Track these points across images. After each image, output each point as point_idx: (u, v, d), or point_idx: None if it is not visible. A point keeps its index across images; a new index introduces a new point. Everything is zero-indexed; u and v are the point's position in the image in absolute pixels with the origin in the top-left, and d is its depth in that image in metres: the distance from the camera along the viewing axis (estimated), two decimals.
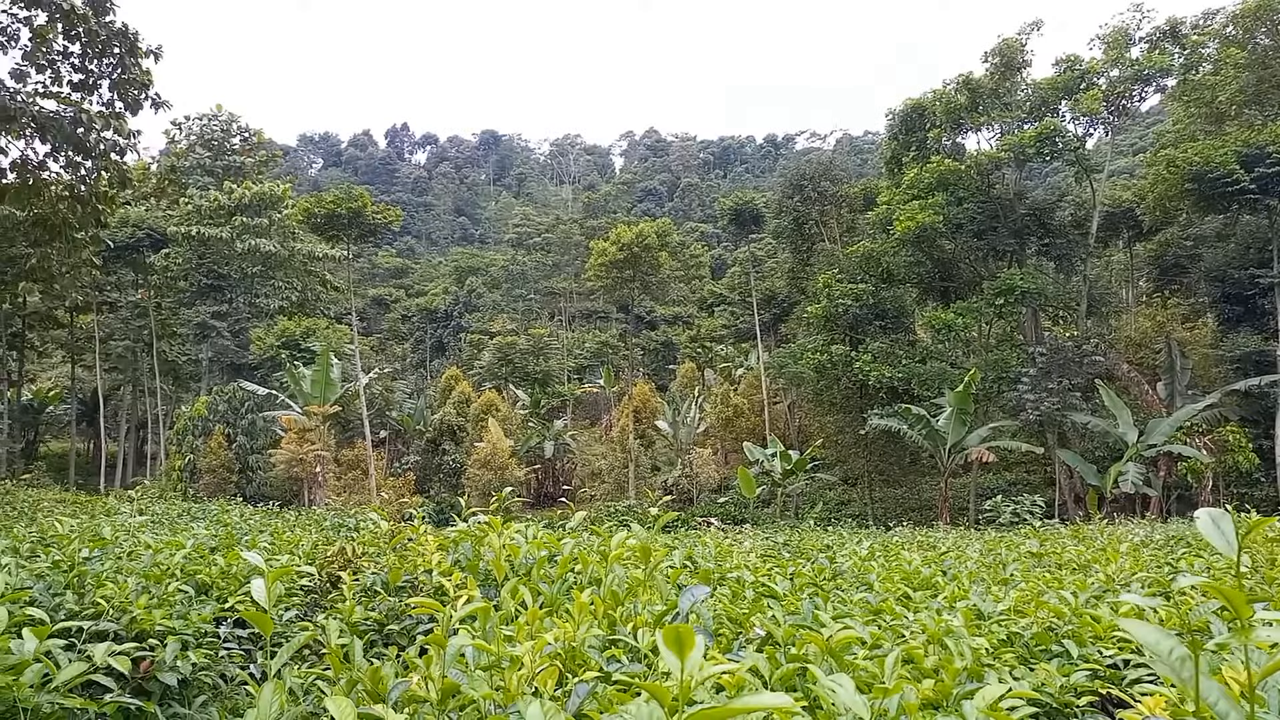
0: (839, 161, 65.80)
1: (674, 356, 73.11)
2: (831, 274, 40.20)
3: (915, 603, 4.81)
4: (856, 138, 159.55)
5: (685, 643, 1.53)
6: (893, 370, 35.44)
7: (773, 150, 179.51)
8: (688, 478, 43.84)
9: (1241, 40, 36.65)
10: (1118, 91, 36.42)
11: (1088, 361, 31.04)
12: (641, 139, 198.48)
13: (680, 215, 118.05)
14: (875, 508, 36.59)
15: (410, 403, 53.05)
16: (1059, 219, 38.01)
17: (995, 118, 38.85)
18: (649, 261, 59.92)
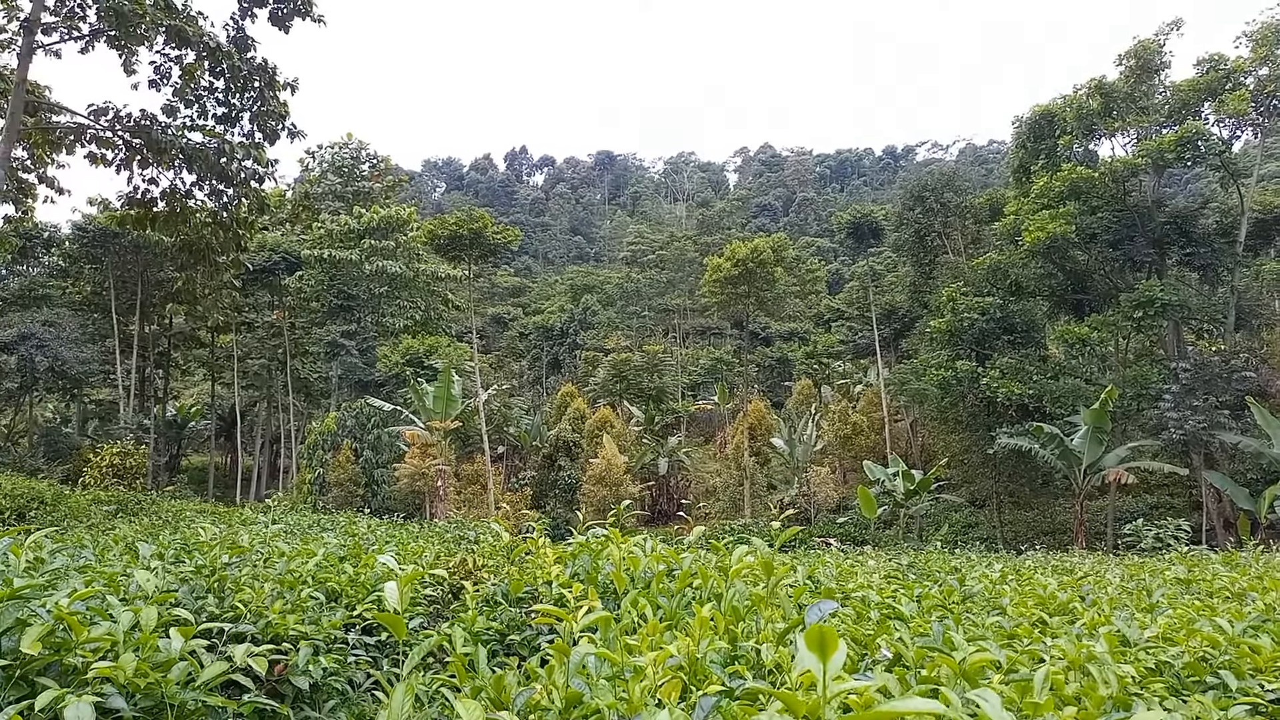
0: (962, 172, 63.94)
1: (789, 373, 72.22)
2: (956, 287, 38.96)
3: (1052, 628, 4.59)
4: (980, 147, 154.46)
5: (828, 645, 1.46)
6: (1022, 387, 33.96)
7: (892, 162, 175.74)
8: (805, 496, 43.12)
9: None
10: (1267, 91, 34.06)
11: (1237, 377, 28.93)
12: (756, 155, 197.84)
13: (796, 230, 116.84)
14: (1005, 531, 35.03)
15: (527, 419, 54.26)
16: (1202, 227, 35.70)
17: (1131, 122, 36.91)
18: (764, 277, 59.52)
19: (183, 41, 14.02)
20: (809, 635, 1.47)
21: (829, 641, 1.45)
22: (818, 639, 1.46)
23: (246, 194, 14.77)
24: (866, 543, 30.39)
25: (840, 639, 1.48)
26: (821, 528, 38.12)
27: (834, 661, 1.46)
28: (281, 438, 58.82)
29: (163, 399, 53.81)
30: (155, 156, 13.99)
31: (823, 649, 1.45)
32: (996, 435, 32.24)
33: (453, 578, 5.72)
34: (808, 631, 1.47)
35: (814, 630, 1.47)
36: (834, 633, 1.46)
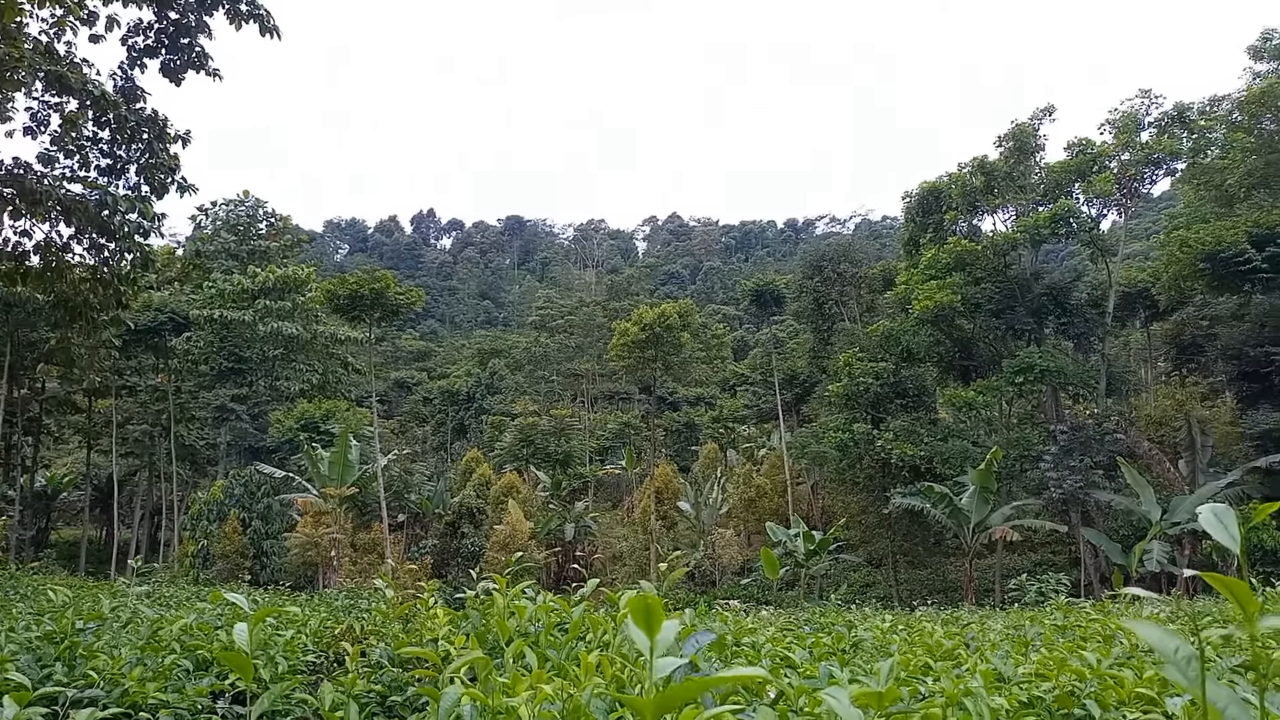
0: (858, 244, 66.75)
1: (696, 437, 72.94)
2: (852, 353, 40.41)
3: (937, 672, 4.83)
4: (875, 222, 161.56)
5: (654, 619, 1.37)
6: (914, 448, 35.23)
7: (793, 234, 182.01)
8: (710, 559, 43.29)
9: (1248, 125, 37.31)
10: (1129, 174, 36.94)
11: (1109, 439, 30.74)
12: (664, 224, 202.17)
13: (702, 298, 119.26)
14: (900, 589, 35.87)
15: (430, 485, 53.14)
16: (1076, 299, 38.16)
17: (1010, 200, 39.42)
18: (671, 342, 60.41)
19: (64, 89, 13.62)
20: (633, 606, 1.37)
21: (654, 615, 1.37)
22: (643, 612, 1.36)
23: (130, 249, 14.26)
24: (769, 603, 30.64)
25: (667, 613, 1.41)
26: (726, 590, 38.29)
27: (662, 636, 1.38)
28: (163, 509, 55.75)
29: (31, 468, 50.47)
30: (29, 208, 13.42)
31: (649, 624, 1.37)
32: (891, 495, 33.23)
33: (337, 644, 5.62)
34: (631, 601, 1.39)
35: (637, 601, 1.37)
36: (659, 605, 1.39)
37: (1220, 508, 1.82)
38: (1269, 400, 31.44)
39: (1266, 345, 30.95)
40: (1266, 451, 29.50)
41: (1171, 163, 37.06)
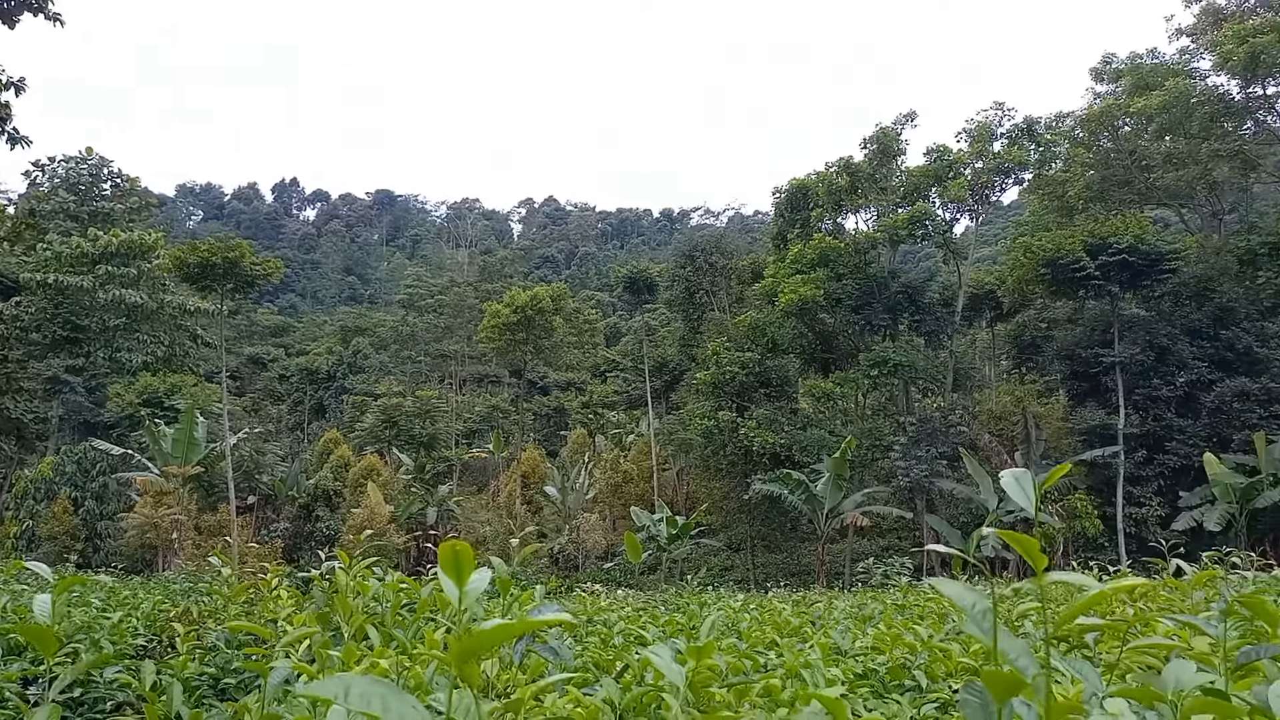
0: (730, 237, 68.05)
1: (565, 422, 72.84)
2: (720, 342, 41.26)
3: (782, 646, 4.96)
4: (747, 216, 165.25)
5: (464, 565, 1.36)
6: (775, 436, 36.33)
7: (668, 224, 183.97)
8: (574, 544, 43.37)
9: (1088, 142, 40.18)
10: (981, 182, 39.15)
11: (953, 431, 32.64)
12: (541, 207, 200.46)
13: (577, 283, 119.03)
14: (757, 573, 37.00)
15: (284, 466, 50.93)
16: (928, 298, 40.21)
17: (872, 200, 41.10)
18: (543, 325, 60.07)
19: None
20: (442, 555, 1.37)
21: (464, 564, 1.36)
22: (452, 561, 1.36)
23: None
24: (631, 586, 31.00)
25: (477, 560, 1.41)
26: (589, 574, 38.47)
27: (471, 585, 1.38)
28: None
29: None
30: None
31: (458, 571, 1.37)
32: (752, 482, 34.16)
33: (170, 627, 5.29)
34: (442, 548, 1.38)
35: (446, 549, 1.37)
36: (469, 553, 1.38)
37: (1020, 472, 1.91)
38: (1095, 399, 34.06)
39: (1095, 348, 33.49)
40: (1091, 446, 32.00)
41: (1020, 173, 39.54)
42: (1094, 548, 28.57)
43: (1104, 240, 31.80)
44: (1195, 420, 32.08)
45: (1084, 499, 29.44)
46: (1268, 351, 32.82)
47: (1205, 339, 32.94)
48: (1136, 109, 36.69)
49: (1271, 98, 37.63)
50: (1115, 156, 39.48)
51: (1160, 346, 32.65)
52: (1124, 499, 30.43)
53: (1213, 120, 36.32)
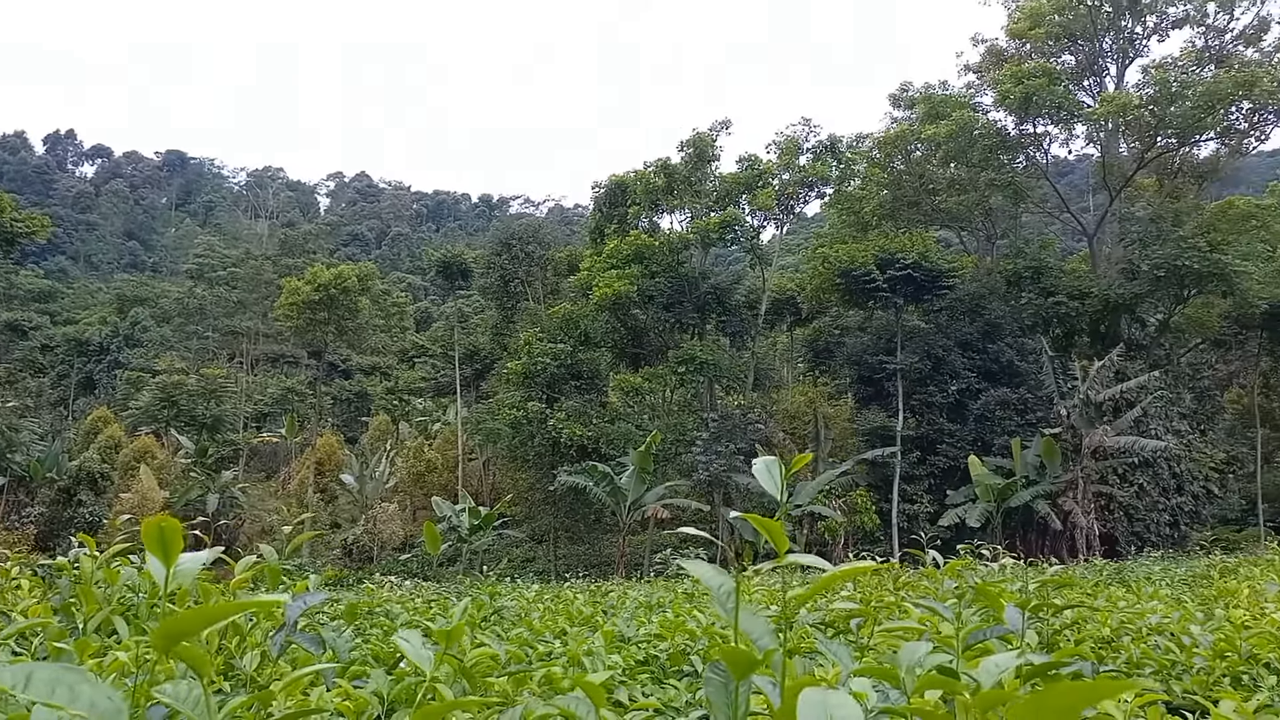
0: (549, 228, 67.89)
1: (368, 408, 70.05)
2: (534, 333, 41.06)
3: (571, 635, 4.93)
4: (567, 209, 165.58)
5: (171, 545, 1.30)
6: (584, 429, 36.57)
7: (487, 210, 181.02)
8: (370, 535, 41.78)
9: (883, 163, 43.11)
10: (788, 193, 41.12)
11: (751, 429, 34.17)
12: (352, 181, 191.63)
13: (387, 264, 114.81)
14: (559, 564, 37.12)
15: (42, 445, 45.86)
16: (735, 300, 41.83)
17: (687, 202, 42.19)
18: (347, 306, 57.43)
19: None
20: (147, 532, 1.30)
21: (171, 543, 1.31)
22: (158, 536, 1.29)
23: None
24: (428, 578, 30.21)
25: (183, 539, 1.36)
26: (385, 565, 37.18)
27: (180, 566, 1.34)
28: None
29: None
30: None
31: (165, 550, 1.31)
32: (558, 473, 34.23)
33: None
34: (145, 525, 1.30)
35: (151, 525, 1.30)
36: (177, 530, 1.32)
37: (770, 460, 1.98)
38: (879, 402, 36.65)
39: (881, 355, 36.03)
40: (873, 446, 34.45)
41: (822, 187, 41.89)
42: (871, 540, 30.76)
43: (893, 256, 34.25)
44: (963, 425, 35.21)
45: (864, 495, 31.70)
46: (1026, 365, 36.53)
47: (975, 351, 36.21)
48: (927, 136, 39.75)
49: (1040, 136, 41.91)
50: (907, 178, 42.62)
51: (936, 356, 35.58)
52: (899, 496, 32.96)
53: (991, 152, 39.96)
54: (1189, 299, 38.91)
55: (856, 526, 30.99)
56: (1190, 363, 41.74)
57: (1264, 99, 36.68)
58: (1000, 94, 39.02)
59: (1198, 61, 39.79)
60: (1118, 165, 41.36)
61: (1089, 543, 30.05)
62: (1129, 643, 4.31)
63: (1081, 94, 41.47)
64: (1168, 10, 40.94)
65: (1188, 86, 36.74)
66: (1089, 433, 31.14)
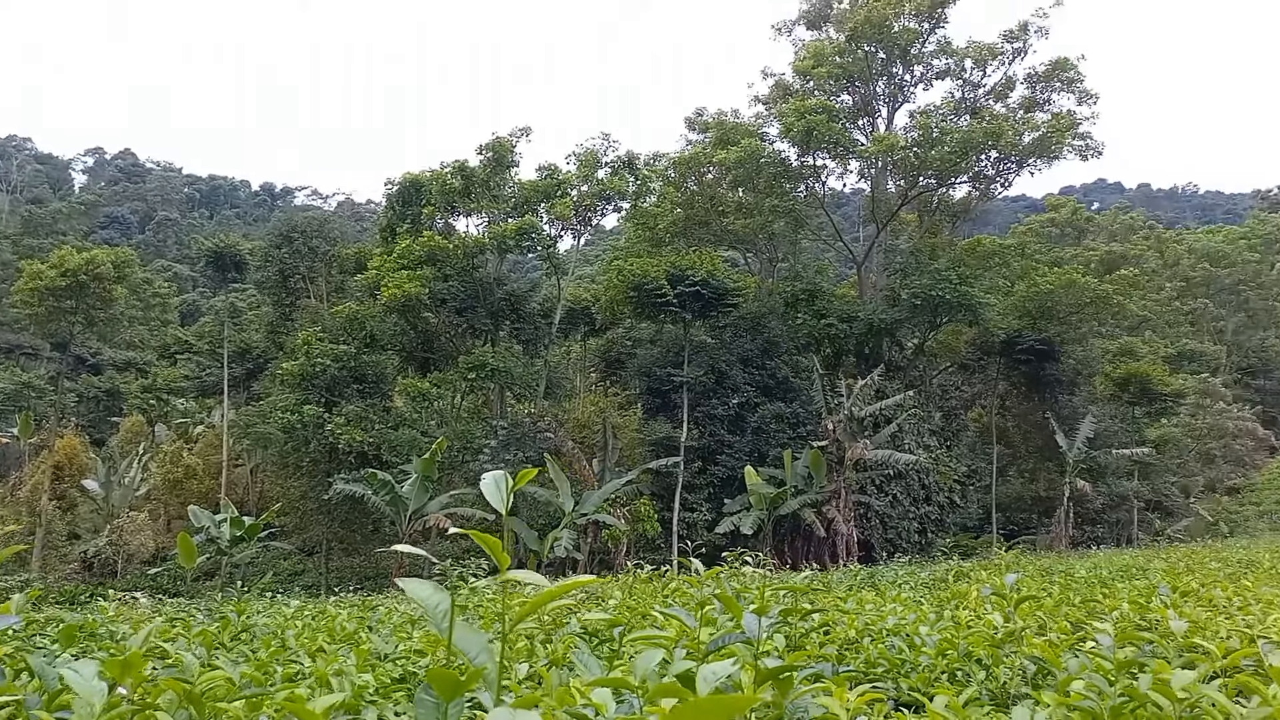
0: (337, 222, 64.78)
1: (119, 408, 63.52)
2: (314, 332, 38.91)
3: (328, 655, 4.61)
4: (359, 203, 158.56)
5: None
6: (365, 435, 34.99)
7: (269, 200, 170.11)
8: (115, 546, 37.77)
9: (678, 182, 44.61)
10: (586, 204, 41.54)
11: (541, 437, 34.04)
12: (114, 159, 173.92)
13: (151, 251, 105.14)
14: (331, 577, 35.22)
15: None
16: (530, 308, 41.68)
17: (485, 206, 41.55)
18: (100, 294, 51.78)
19: None
20: None
21: None
22: None
23: None
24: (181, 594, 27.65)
25: None
26: (130, 581, 33.72)
27: None
28: None
29: None
30: None
31: None
32: (334, 481, 32.55)
33: None
34: None
35: None
36: None
37: (498, 474, 1.89)
38: (665, 414, 37.66)
39: (669, 368, 37.06)
40: (659, 456, 35.34)
41: (620, 201, 42.64)
42: (652, 548, 31.47)
43: (684, 272, 35.36)
44: (742, 437, 36.87)
45: (648, 504, 32.41)
46: (800, 381, 38.86)
47: (755, 367, 38.08)
48: (718, 160, 41.54)
49: (820, 168, 44.91)
50: (699, 199, 44.33)
51: (720, 370, 37.08)
52: (680, 504, 33.98)
53: (775, 180, 42.35)
54: (941, 326, 42.99)
55: (639, 534, 31.60)
56: (940, 384, 46.09)
57: (1008, 149, 41.27)
58: (785, 126, 41.46)
59: (955, 111, 44.16)
60: (885, 200, 45.06)
61: (848, 548, 32.33)
62: (869, 644, 4.52)
63: (856, 132, 44.86)
64: (932, 63, 45.17)
65: (946, 133, 40.63)
66: (851, 446, 33.54)
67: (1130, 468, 41.40)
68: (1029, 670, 3.73)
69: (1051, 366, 41.59)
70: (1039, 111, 43.49)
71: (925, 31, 44.00)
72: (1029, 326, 41.21)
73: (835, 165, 45.86)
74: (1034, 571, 13.26)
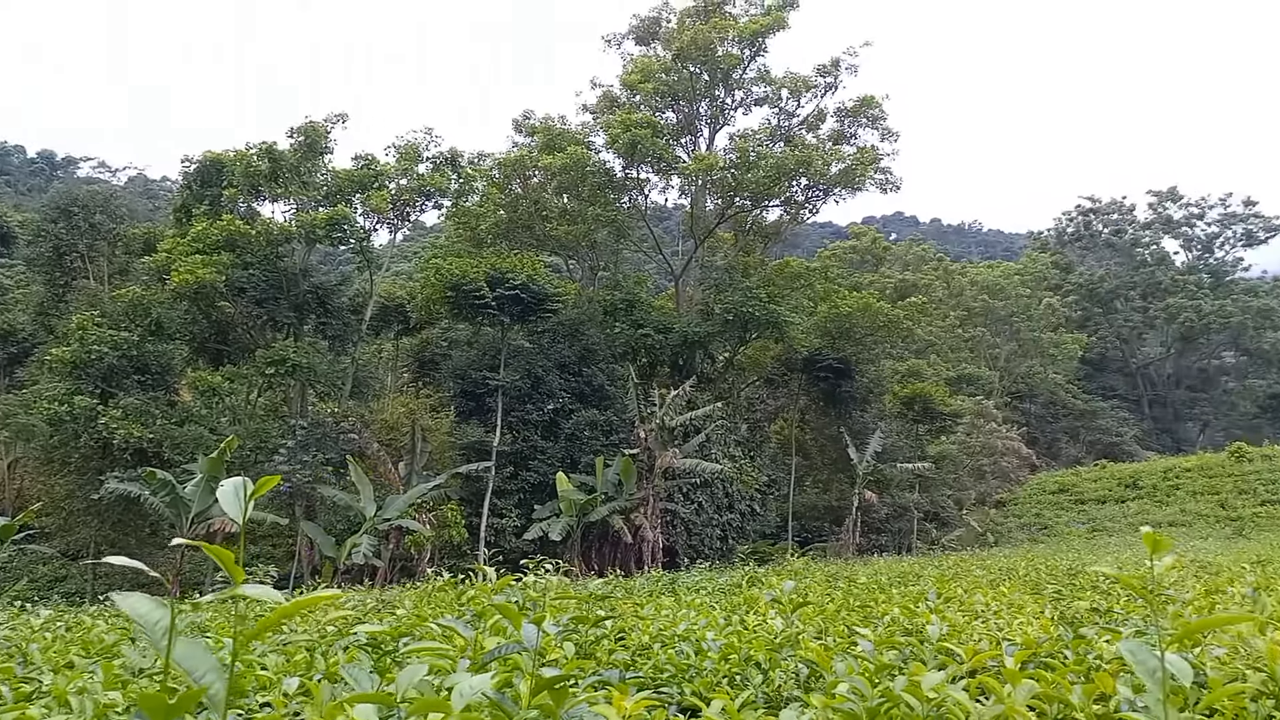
0: (126, 199, 59.40)
1: None
2: (90, 316, 35.37)
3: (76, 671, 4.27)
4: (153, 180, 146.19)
5: None
6: (145, 430, 32.11)
7: (48, 169, 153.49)
8: None
9: (502, 184, 44.13)
10: (404, 199, 40.21)
11: (344, 438, 32.54)
12: None
13: None
14: (98, 584, 32.08)
15: None
16: (339, 302, 39.78)
17: (294, 193, 39.29)
18: None
19: None
20: None
21: None
22: None
23: None
24: None
25: None
26: None
27: None
28: None
29: None
30: None
31: None
32: (106, 479, 29.72)
33: None
34: None
35: None
36: None
37: (237, 481, 1.80)
38: (478, 417, 37.04)
39: (485, 371, 36.49)
40: (469, 460, 34.69)
41: (440, 198, 41.59)
42: (459, 554, 30.78)
43: (504, 275, 34.97)
44: (556, 443, 36.84)
45: (456, 509, 31.67)
46: (615, 389, 39.32)
47: (571, 374, 38.18)
48: (544, 164, 41.46)
49: (643, 181, 45.79)
50: (523, 202, 44.02)
51: (536, 376, 36.91)
52: (490, 510, 33.48)
53: (600, 189, 42.78)
54: (750, 341, 44.85)
55: (445, 540, 30.84)
56: (748, 397, 48.07)
57: (817, 178, 43.70)
58: (610, 137, 41.99)
59: (772, 137, 46.32)
60: (704, 218, 46.55)
61: (654, 555, 33.02)
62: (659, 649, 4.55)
63: (679, 149, 46.13)
64: (752, 89, 47.19)
65: (762, 158, 42.51)
66: (661, 454, 34.33)
67: (912, 481, 44.74)
68: (802, 674, 3.85)
69: (847, 384, 44.30)
70: (846, 144, 46.37)
71: (747, 58, 45.93)
72: (829, 345, 43.73)
73: (658, 179, 46.94)
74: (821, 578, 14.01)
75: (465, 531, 31.33)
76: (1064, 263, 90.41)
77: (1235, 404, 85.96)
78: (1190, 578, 10.25)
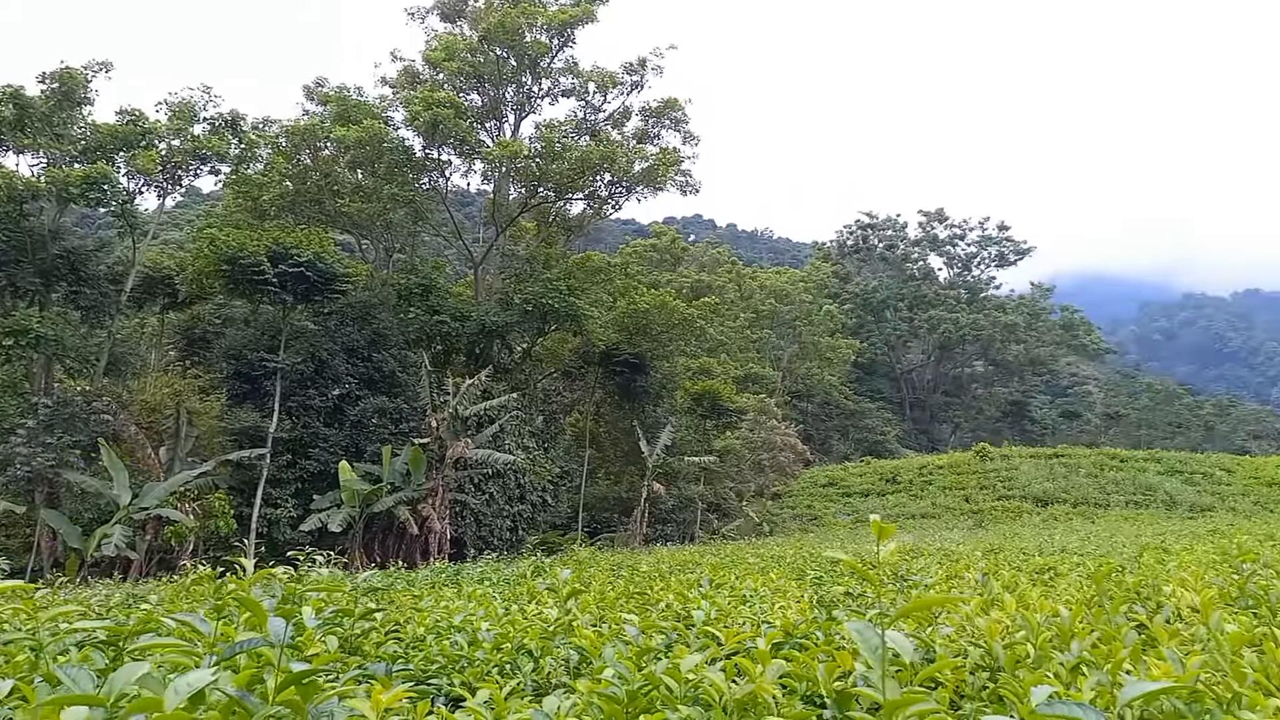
0: None
1: None
2: None
3: None
4: None
5: None
6: None
7: None
8: None
9: (290, 154, 41.45)
10: (176, 161, 36.80)
11: (96, 420, 29.39)
12: None
13: None
14: None
15: None
16: (95, 270, 35.80)
17: (44, 145, 34.98)
18: None
19: None
20: None
21: None
22: None
23: None
24: None
25: None
26: None
27: None
28: None
29: None
30: None
31: None
32: None
33: None
34: None
35: None
36: None
37: None
38: (253, 401, 34.66)
39: (262, 352, 34.16)
40: (241, 446, 32.37)
41: (219, 163, 38.43)
42: (226, 546, 28.63)
43: (288, 250, 32.85)
44: (340, 430, 35.12)
45: (223, 498, 29.39)
46: (406, 376, 38.02)
47: (360, 358, 36.53)
48: (337, 136, 39.33)
49: (444, 163, 44.54)
50: (312, 174, 41.55)
51: (321, 359, 35.02)
52: (263, 500, 31.39)
53: (397, 167, 41.14)
54: (549, 333, 44.84)
55: (211, 531, 28.59)
56: (544, 388, 48.04)
57: (620, 174, 44.29)
58: (410, 114, 40.54)
59: (577, 130, 46.48)
60: (506, 206, 46.02)
61: (440, 546, 32.27)
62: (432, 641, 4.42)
63: (483, 133, 45.31)
64: (560, 80, 47.14)
65: (567, 150, 42.56)
66: (453, 444, 33.58)
67: (698, 473, 46.48)
68: (573, 660, 3.85)
69: (642, 379, 45.35)
70: (650, 144, 47.36)
71: (555, 47, 45.83)
72: (626, 341, 44.54)
73: (461, 163, 45.88)
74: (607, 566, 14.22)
75: (234, 522, 29.17)
76: (843, 273, 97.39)
77: (982, 409, 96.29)
78: (935, 564, 11.27)
